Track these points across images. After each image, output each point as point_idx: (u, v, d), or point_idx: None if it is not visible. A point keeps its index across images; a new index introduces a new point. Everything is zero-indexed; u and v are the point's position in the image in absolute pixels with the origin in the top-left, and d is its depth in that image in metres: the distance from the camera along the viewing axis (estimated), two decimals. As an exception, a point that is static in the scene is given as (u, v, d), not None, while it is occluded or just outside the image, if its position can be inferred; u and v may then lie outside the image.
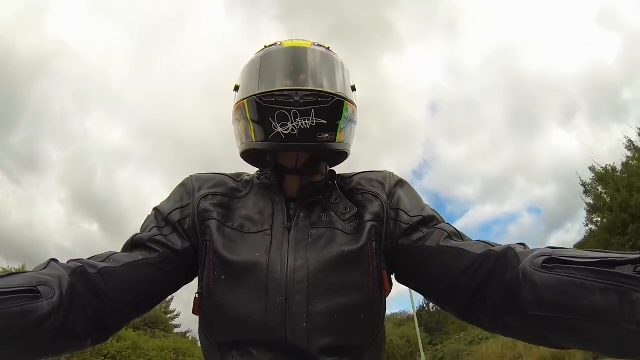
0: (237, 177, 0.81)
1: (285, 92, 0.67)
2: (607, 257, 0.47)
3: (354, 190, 0.77)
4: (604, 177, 11.03)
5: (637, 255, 0.45)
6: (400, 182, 0.79)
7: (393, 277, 0.74)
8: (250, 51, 0.80)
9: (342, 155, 0.77)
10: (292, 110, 0.66)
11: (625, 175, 10.60)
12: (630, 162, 10.82)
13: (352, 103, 0.75)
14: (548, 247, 0.55)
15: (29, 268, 0.64)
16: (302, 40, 0.79)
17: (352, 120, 0.75)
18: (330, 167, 0.80)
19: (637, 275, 0.43)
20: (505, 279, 0.56)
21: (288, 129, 0.66)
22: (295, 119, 0.66)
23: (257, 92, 0.70)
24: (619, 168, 11.13)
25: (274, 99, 0.67)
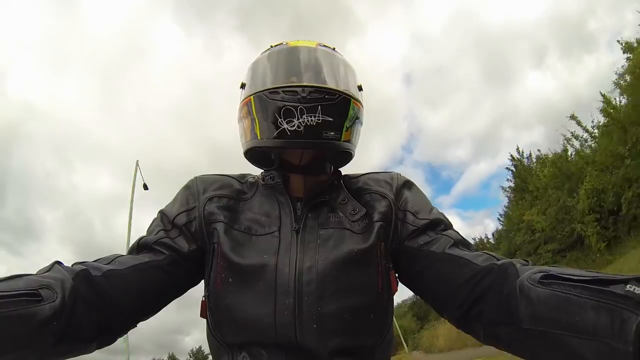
0: (241, 178, 0.81)
1: (292, 88, 0.67)
2: (601, 276, 0.47)
3: (360, 190, 0.77)
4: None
5: (630, 276, 0.46)
6: (408, 183, 0.79)
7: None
8: (219, 67, 0.81)
9: (347, 156, 0.77)
10: (298, 106, 0.66)
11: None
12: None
13: (359, 102, 0.75)
14: (548, 266, 0.56)
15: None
16: (308, 40, 0.79)
17: (358, 120, 0.75)
18: (334, 168, 0.80)
19: (629, 294, 0.43)
20: (503, 293, 0.56)
21: (294, 125, 0.66)
22: (301, 115, 0.65)
23: (264, 88, 0.69)
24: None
25: (280, 95, 0.67)
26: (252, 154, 0.76)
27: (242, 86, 0.78)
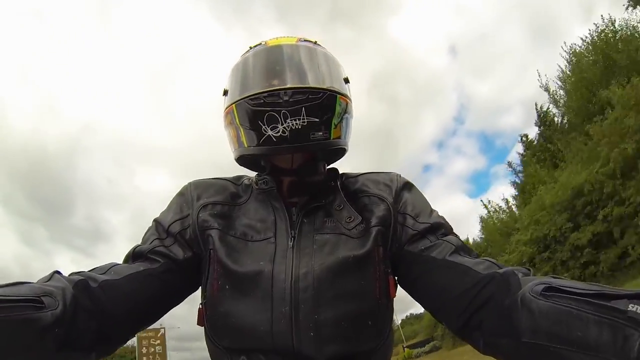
0: (236, 180, 0.80)
1: (273, 93, 0.65)
2: (604, 290, 0.47)
3: (358, 191, 0.75)
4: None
5: (633, 291, 0.45)
6: (408, 185, 0.77)
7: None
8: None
9: (340, 152, 0.75)
10: (281, 110, 0.64)
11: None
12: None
13: (346, 96, 0.73)
14: (550, 277, 0.55)
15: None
16: (288, 37, 0.76)
17: (347, 114, 0.73)
18: (328, 164, 0.78)
19: (631, 311, 0.43)
20: (504, 304, 0.55)
21: (279, 131, 0.64)
22: (285, 120, 0.64)
23: (245, 95, 0.68)
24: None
25: (262, 101, 0.65)
26: (242, 161, 0.76)
27: (225, 93, 0.76)
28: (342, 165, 0.81)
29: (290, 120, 0.64)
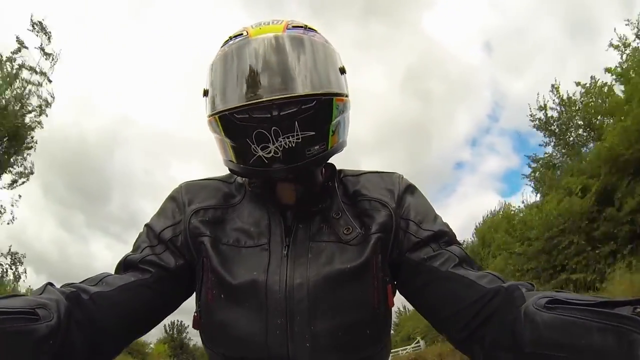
0: (229, 179, 0.76)
1: (261, 105, 0.58)
2: (607, 299, 0.47)
3: (358, 194, 0.71)
4: None
5: (636, 298, 0.45)
6: (410, 188, 0.73)
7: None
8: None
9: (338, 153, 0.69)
10: (271, 127, 0.58)
11: None
12: None
13: (342, 94, 0.65)
14: (554, 291, 0.54)
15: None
16: (274, 23, 0.66)
17: (345, 114, 0.67)
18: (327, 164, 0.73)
19: (636, 316, 0.42)
20: (507, 318, 0.55)
21: (270, 152, 0.58)
22: (277, 139, 0.58)
23: (229, 107, 0.60)
24: None
25: (248, 116, 0.58)
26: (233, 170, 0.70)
27: (205, 93, 0.68)
28: (369, 161, 0.76)
29: (282, 139, 0.58)
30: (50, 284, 0.59)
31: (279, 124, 0.58)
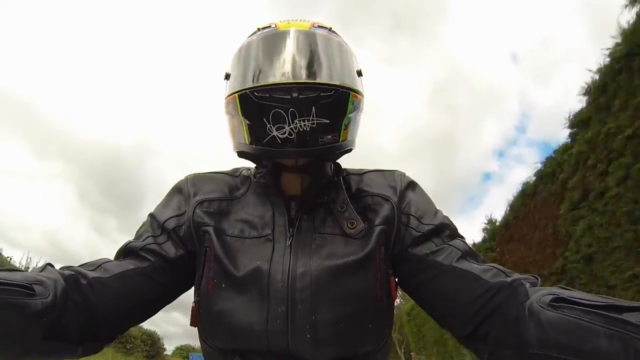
0: (234, 172, 0.77)
1: (281, 87, 0.60)
2: (615, 303, 0.46)
3: (361, 191, 0.72)
4: None
5: None
6: (412, 185, 0.74)
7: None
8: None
9: (347, 151, 0.71)
10: (289, 109, 0.59)
11: None
12: None
13: (359, 92, 0.68)
14: (558, 287, 0.54)
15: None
16: (301, 21, 0.70)
17: (357, 111, 0.69)
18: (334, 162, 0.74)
19: None
20: (511, 314, 0.54)
21: (285, 132, 0.59)
22: (293, 120, 0.59)
23: (250, 86, 0.62)
24: None
25: (268, 95, 0.60)
26: (242, 155, 0.71)
27: (227, 77, 0.71)
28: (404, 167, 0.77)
29: (298, 121, 0.59)
30: (50, 264, 0.59)
31: (297, 106, 0.59)
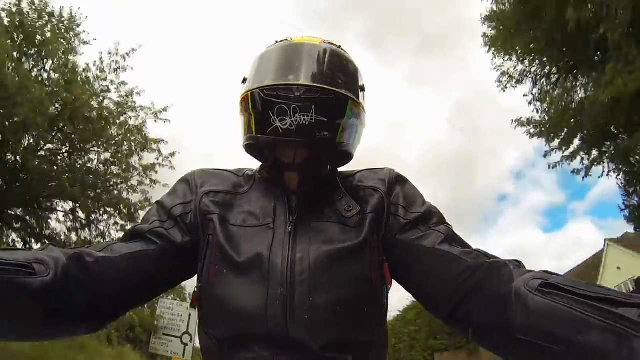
0: (238, 172, 0.82)
1: (287, 87, 0.67)
2: (611, 296, 0.44)
3: (354, 187, 0.77)
4: None
5: None
6: (400, 178, 0.79)
7: None
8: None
9: (345, 157, 0.76)
10: (292, 105, 0.65)
11: None
12: None
13: (358, 103, 0.74)
14: (544, 272, 0.53)
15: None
16: (314, 37, 0.79)
17: (357, 121, 0.74)
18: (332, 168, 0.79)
19: None
20: (494, 295, 0.55)
21: (286, 124, 0.66)
22: (294, 115, 0.65)
23: (261, 85, 0.70)
24: None
25: (275, 93, 0.67)
26: (249, 148, 0.76)
27: (244, 81, 0.78)
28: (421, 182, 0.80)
29: (299, 115, 0.65)
30: (52, 244, 0.62)
31: (299, 103, 0.66)
